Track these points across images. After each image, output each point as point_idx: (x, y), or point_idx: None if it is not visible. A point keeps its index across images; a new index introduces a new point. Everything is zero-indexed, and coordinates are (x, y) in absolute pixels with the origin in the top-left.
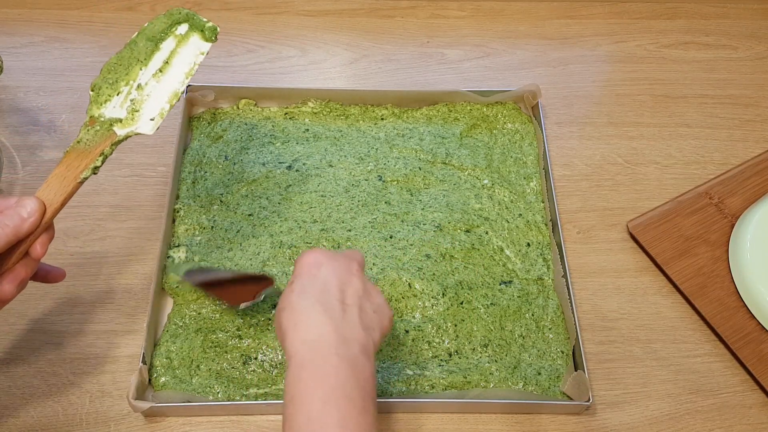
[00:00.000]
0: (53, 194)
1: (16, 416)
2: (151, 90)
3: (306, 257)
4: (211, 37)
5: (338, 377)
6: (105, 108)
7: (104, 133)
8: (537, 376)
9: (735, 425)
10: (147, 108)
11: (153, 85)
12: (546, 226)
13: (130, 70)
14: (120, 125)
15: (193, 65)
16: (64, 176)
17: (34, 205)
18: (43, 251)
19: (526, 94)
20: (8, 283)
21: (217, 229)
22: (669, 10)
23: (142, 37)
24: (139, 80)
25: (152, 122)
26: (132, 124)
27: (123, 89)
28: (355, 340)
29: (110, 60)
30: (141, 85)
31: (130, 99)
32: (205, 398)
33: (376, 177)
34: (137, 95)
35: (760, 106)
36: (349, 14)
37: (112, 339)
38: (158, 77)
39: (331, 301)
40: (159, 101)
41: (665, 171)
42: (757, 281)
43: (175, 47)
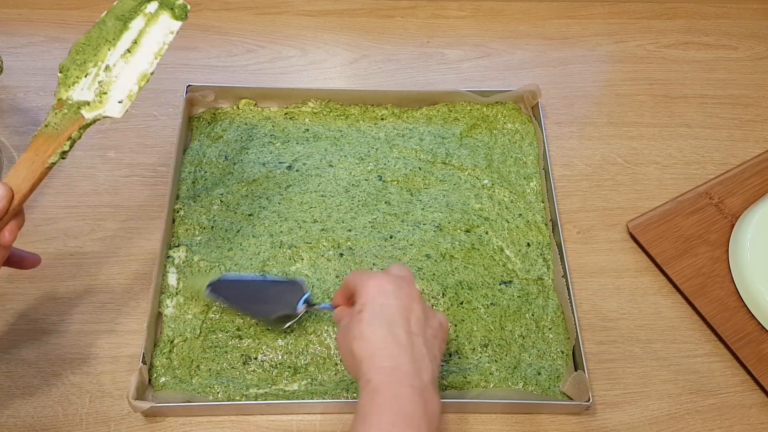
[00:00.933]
0: (21, 180)
1: (16, 416)
2: (120, 71)
3: (371, 285)
4: (181, 15)
5: (409, 406)
6: (73, 90)
7: (72, 116)
8: (537, 376)
9: (735, 425)
10: (115, 90)
11: (121, 66)
12: (546, 226)
13: (99, 51)
14: (88, 108)
15: (163, 45)
16: (32, 161)
17: (0, 191)
18: (12, 238)
19: (526, 94)
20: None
21: (217, 229)
22: (669, 10)
23: (111, 16)
24: (107, 61)
25: (120, 105)
26: (100, 107)
27: (91, 71)
28: (424, 371)
29: (78, 40)
30: (109, 67)
31: (98, 81)
32: (205, 398)
33: (376, 177)
34: (105, 77)
35: (760, 106)
36: (349, 14)
37: (112, 339)
38: (127, 58)
39: (400, 332)
40: (127, 83)
41: (665, 171)
42: (757, 281)
43: (144, 26)
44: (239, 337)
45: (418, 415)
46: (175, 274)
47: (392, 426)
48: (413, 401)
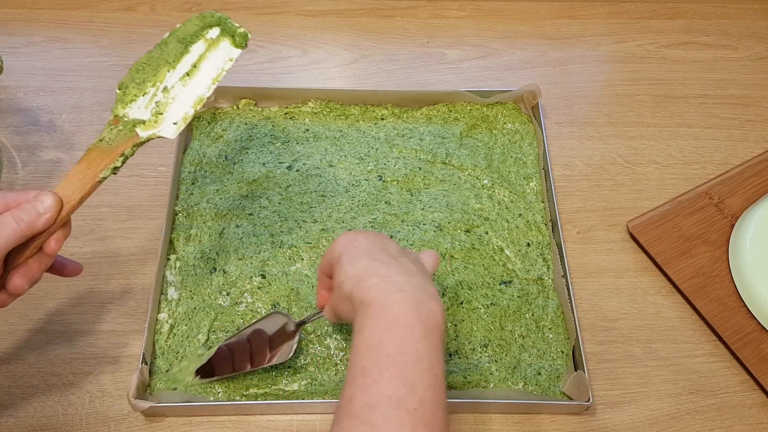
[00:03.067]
0: (71, 191)
1: (16, 416)
2: (177, 93)
3: (340, 241)
4: (241, 43)
5: (400, 309)
6: (130, 108)
7: (126, 133)
8: (537, 376)
9: (735, 425)
10: (171, 111)
11: (179, 89)
12: (546, 226)
13: (158, 72)
14: (143, 127)
15: (221, 71)
16: (83, 174)
17: (50, 201)
18: (58, 247)
19: (526, 94)
20: (20, 278)
21: (217, 229)
22: (669, 10)
23: (173, 38)
24: (165, 82)
25: (175, 126)
26: (155, 127)
27: (149, 90)
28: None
29: (140, 59)
30: (167, 88)
31: (155, 101)
32: (205, 398)
33: (376, 177)
34: (162, 98)
35: (760, 106)
36: (349, 14)
37: (112, 339)
38: (185, 81)
39: (382, 256)
40: (183, 106)
41: (665, 171)
42: (757, 281)
43: (204, 51)
44: None
45: (410, 315)
46: (174, 275)
47: (384, 330)
48: (403, 304)
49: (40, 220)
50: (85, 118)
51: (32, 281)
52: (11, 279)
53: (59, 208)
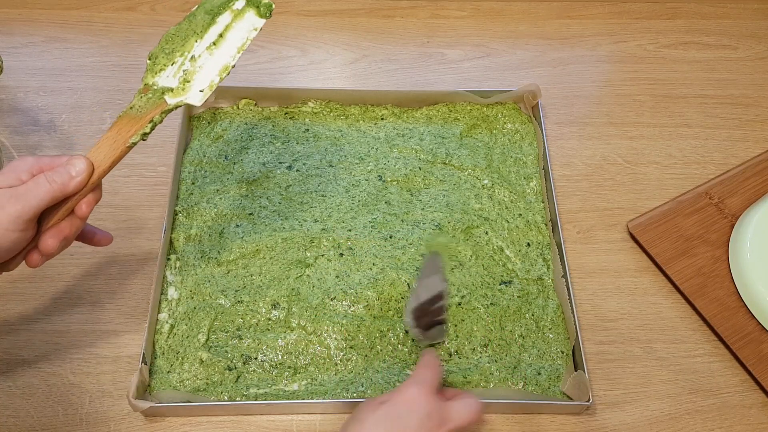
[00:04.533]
0: (102, 156)
1: (16, 416)
2: (204, 62)
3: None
4: (265, 13)
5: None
6: (159, 77)
7: (156, 101)
8: (537, 376)
9: (735, 425)
10: (198, 79)
11: (206, 57)
12: (546, 226)
13: (186, 42)
14: (171, 94)
15: (246, 40)
16: (114, 140)
17: (82, 165)
18: (89, 210)
19: (526, 94)
20: (51, 238)
21: (217, 229)
22: (669, 10)
23: (201, 10)
24: (193, 52)
25: (201, 94)
26: (182, 94)
27: (177, 59)
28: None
29: (169, 30)
30: (194, 57)
31: (183, 69)
32: (206, 398)
33: (376, 177)
34: (190, 66)
35: (760, 106)
36: (349, 14)
37: (112, 339)
38: (211, 50)
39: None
40: (210, 73)
41: (665, 171)
42: (757, 281)
43: (230, 21)
44: (239, 337)
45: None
46: (174, 275)
47: None
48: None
49: (72, 182)
50: (85, 118)
51: (63, 243)
52: (43, 239)
53: (90, 171)
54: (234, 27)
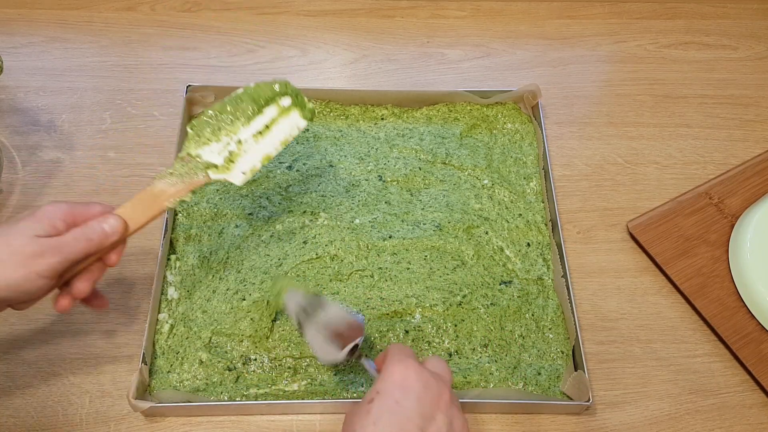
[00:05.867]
0: (137, 214)
1: (16, 416)
2: (249, 147)
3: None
4: (308, 116)
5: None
6: (203, 150)
7: (197, 171)
8: (537, 376)
9: (735, 425)
10: (241, 162)
11: (251, 144)
12: (546, 226)
13: (233, 125)
14: (215, 170)
15: (289, 136)
16: (150, 201)
17: (118, 225)
18: (117, 260)
19: (526, 94)
20: (84, 282)
21: (217, 229)
22: (669, 10)
23: (247, 97)
24: (239, 136)
25: (243, 175)
26: (226, 173)
27: (224, 139)
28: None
29: (213, 106)
30: (241, 141)
31: (229, 150)
32: (206, 398)
33: (376, 177)
34: (236, 149)
35: (760, 106)
36: (349, 14)
37: (112, 339)
38: (257, 138)
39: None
40: (253, 159)
41: (665, 171)
42: (757, 281)
43: (276, 116)
44: (239, 338)
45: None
46: (174, 275)
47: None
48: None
49: (107, 240)
50: (85, 118)
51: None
52: (77, 284)
53: (124, 231)
54: (279, 122)
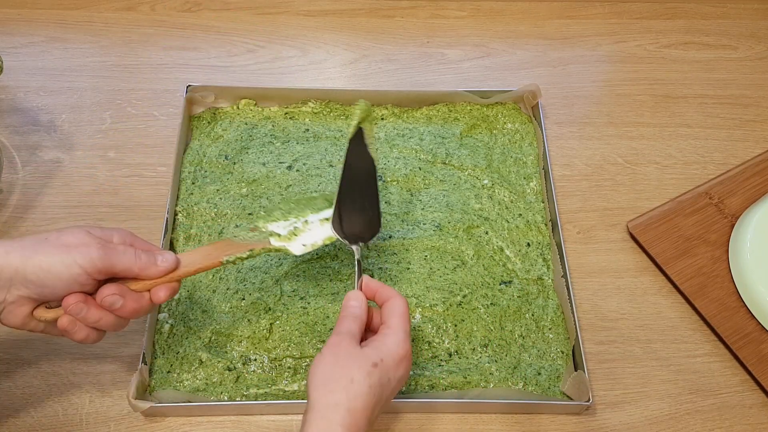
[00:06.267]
0: (192, 260)
1: (16, 416)
2: (314, 227)
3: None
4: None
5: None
6: (270, 225)
7: (260, 238)
8: (537, 376)
9: (735, 425)
10: (304, 237)
11: (316, 225)
12: (546, 226)
13: (303, 212)
14: (277, 238)
15: None
16: (209, 253)
17: (170, 259)
18: (165, 299)
19: (526, 94)
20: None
21: (217, 229)
22: (669, 10)
23: (321, 197)
24: (307, 218)
25: (303, 247)
26: (287, 242)
27: (291, 219)
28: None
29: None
30: (307, 221)
31: (294, 226)
32: (206, 398)
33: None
34: (301, 226)
35: (760, 106)
36: (349, 14)
37: (112, 339)
38: (323, 223)
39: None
40: (315, 236)
41: (665, 171)
42: (757, 281)
43: None
44: (239, 338)
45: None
46: None
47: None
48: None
49: (153, 268)
50: (85, 118)
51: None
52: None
53: (175, 266)
54: None
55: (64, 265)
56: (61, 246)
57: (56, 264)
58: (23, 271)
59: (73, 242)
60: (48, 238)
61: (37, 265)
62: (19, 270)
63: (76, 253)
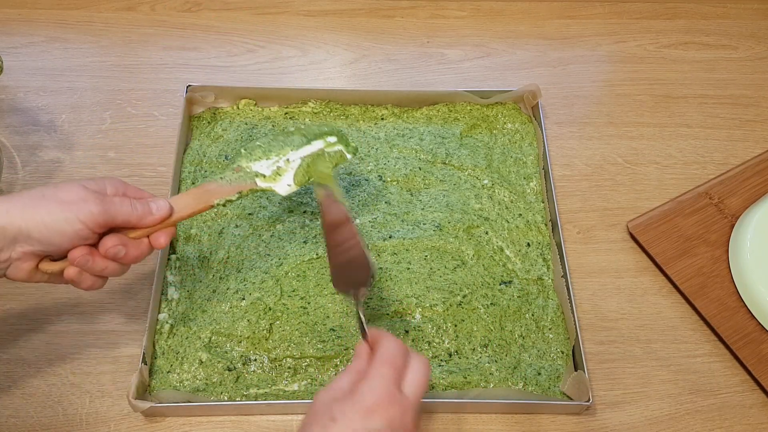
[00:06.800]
0: (183, 205)
1: (16, 416)
2: (296, 166)
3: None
4: (353, 152)
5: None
6: (253, 164)
7: (246, 179)
8: (537, 376)
9: (735, 425)
10: (288, 176)
11: (298, 163)
12: (546, 226)
13: (283, 149)
14: (263, 179)
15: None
16: (200, 196)
17: (164, 206)
18: (165, 242)
19: (526, 94)
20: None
21: (217, 229)
22: (669, 10)
23: (298, 133)
24: (288, 156)
25: (288, 187)
26: (272, 182)
27: (273, 158)
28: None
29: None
30: (289, 160)
31: (277, 166)
32: (206, 398)
33: (376, 177)
34: (284, 165)
35: (760, 106)
36: (349, 14)
37: (112, 339)
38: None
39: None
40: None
41: (665, 171)
42: (757, 281)
43: (323, 147)
44: (239, 338)
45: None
46: (174, 275)
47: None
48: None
49: (149, 217)
50: (85, 118)
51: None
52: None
53: (168, 215)
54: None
55: (67, 222)
56: (61, 202)
57: (59, 221)
58: (27, 229)
59: (72, 198)
60: (45, 194)
61: (40, 223)
62: (23, 229)
63: (77, 210)
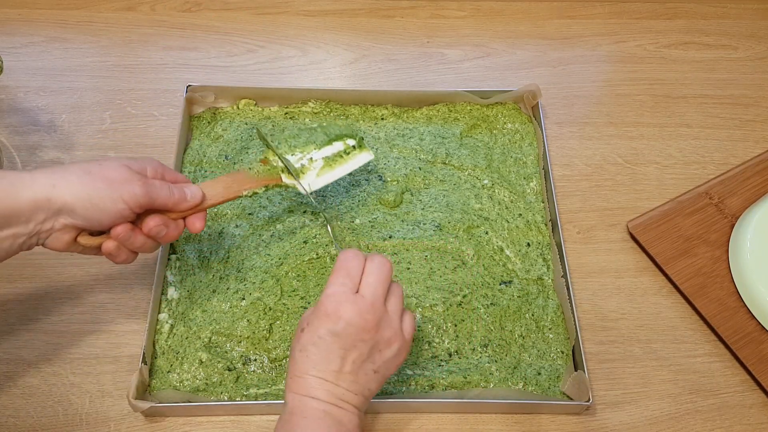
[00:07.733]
0: (215, 193)
1: (16, 416)
2: (317, 166)
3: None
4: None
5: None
6: (280, 158)
7: (272, 174)
8: (537, 376)
9: (735, 425)
10: (310, 175)
11: (320, 164)
12: (546, 226)
13: (306, 146)
14: (287, 176)
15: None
16: (230, 184)
17: (198, 194)
18: (201, 227)
19: (526, 94)
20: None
21: (217, 229)
22: (669, 10)
23: (321, 130)
24: (311, 155)
25: (308, 187)
26: (296, 179)
27: (297, 154)
28: (343, 401)
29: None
30: (312, 159)
31: (301, 163)
32: (206, 398)
33: (376, 177)
34: (307, 164)
35: (760, 106)
36: (349, 14)
37: (112, 339)
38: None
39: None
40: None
41: (665, 171)
42: (757, 281)
43: (342, 149)
44: (239, 338)
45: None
46: (174, 275)
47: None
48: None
49: (183, 203)
50: (85, 118)
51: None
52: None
53: (200, 200)
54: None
55: (111, 200)
56: (106, 180)
57: (104, 199)
58: (72, 204)
59: (117, 177)
60: (91, 170)
61: (86, 200)
62: (68, 203)
63: (122, 190)
